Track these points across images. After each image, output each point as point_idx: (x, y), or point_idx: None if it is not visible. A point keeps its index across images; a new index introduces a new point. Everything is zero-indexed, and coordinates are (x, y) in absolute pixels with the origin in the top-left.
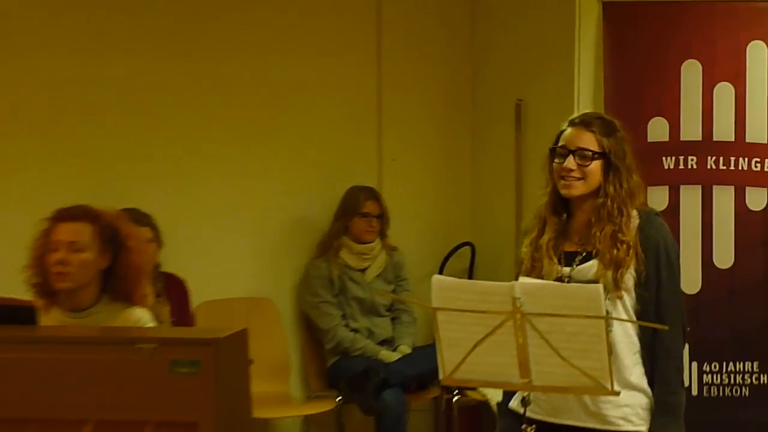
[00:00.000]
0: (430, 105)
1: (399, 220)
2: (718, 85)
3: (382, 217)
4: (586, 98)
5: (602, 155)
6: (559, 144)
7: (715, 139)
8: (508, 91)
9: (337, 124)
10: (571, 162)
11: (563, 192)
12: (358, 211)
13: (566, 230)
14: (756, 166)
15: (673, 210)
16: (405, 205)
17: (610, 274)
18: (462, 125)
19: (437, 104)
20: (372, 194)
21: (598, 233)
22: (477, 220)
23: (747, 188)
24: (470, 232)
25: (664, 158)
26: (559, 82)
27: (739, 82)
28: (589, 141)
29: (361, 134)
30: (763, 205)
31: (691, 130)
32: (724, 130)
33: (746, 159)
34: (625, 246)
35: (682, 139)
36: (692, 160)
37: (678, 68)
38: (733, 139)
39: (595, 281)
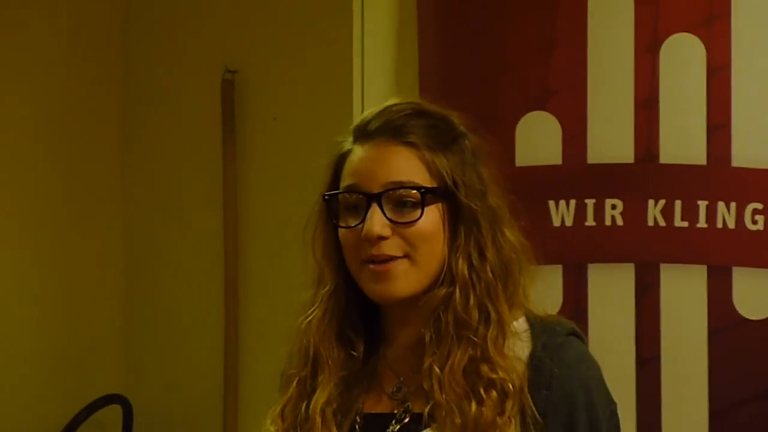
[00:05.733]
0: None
1: None
2: (670, 40)
3: None
4: (375, 73)
5: (441, 192)
6: (343, 184)
7: (662, 160)
8: (208, 57)
9: None
10: (377, 221)
11: (375, 294)
12: None
13: (371, 368)
14: (755, 220)
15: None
16: None
17: None
18: (103, 128)
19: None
20: None
21: (435, 367)
22: (139, 345)
23: (735, 270)
24: (123, 370)
25: (552, 202)
26: (312, 39)
27: (716, 31)
28: (408, 166)
29: None
30: None
31: (611, 141)
32: (684, 140)
33: (732, 203)
34: (495, 393)
35: (591, 160)
36: (614, 205)
37: (583, 10)
38: (704, 161)
39: None
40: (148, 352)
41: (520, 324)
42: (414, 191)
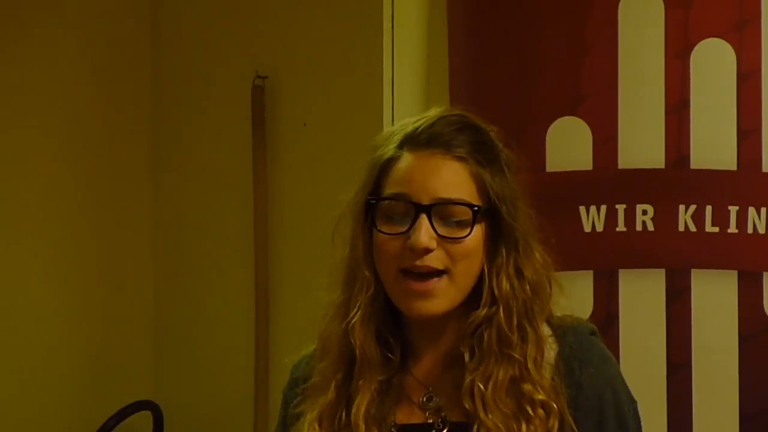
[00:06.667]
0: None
1: None
2: (701, 45)
3: None
4: (406, 79)
5: (489, 211)
6: (390, 190)
7: (693, 166)
8: (238, 63)
9: None
10: (426, 232)
11: (411, 310)
12: None
13: (397, 380)
14: None
15: (602, 327)
16: None
17: None
18: (134, 134)
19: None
20: None
21: (479, 384)
22: (169, 351)
23: (766, 275)
24: (153, 376)
25: (582, 208)
26: (343, 45)
27: (746, 36)
28: (459, 182)
29: None
30: None
31: (642, 146)
32: (714, 145)
33: (763, 209)
34: (543, 411)
35: (621, 166)
36: (645, 211)
37: (614, 15)
38: (735, 167)
39: None
40: (179, 357)
41: (546, 334)
42: (467, 208)
